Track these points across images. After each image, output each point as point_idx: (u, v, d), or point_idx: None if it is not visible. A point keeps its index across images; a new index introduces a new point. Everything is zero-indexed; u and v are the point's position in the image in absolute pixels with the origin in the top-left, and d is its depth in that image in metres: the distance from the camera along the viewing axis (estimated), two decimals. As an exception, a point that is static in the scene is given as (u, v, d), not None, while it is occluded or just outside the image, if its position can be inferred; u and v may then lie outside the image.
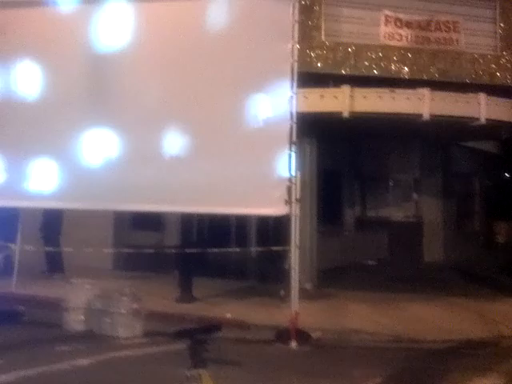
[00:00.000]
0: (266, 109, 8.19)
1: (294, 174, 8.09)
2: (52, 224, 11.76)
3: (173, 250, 10.20)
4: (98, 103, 8.73)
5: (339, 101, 9.98)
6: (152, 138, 8.46)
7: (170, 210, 9.15)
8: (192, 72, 8.40)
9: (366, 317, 8.99)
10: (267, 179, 8.12)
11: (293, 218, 8.00)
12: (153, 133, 8.46)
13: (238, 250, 10.16)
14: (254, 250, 10.56)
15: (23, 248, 10.16)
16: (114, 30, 8.75)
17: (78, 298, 8.64)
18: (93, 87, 8.86)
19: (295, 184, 8.06)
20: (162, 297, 9.58)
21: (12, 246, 10.41)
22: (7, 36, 9.16)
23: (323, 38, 10.58)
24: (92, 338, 7.92)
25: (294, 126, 8.06)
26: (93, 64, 8.78)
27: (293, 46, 8.25)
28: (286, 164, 8.09)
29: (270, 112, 8.18)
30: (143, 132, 8.50)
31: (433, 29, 11.15)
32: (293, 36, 8.26)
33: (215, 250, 9.47)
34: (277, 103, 8.20)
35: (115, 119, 8.69)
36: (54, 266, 11.66)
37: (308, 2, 10.27)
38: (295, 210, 8.04)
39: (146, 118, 8.51)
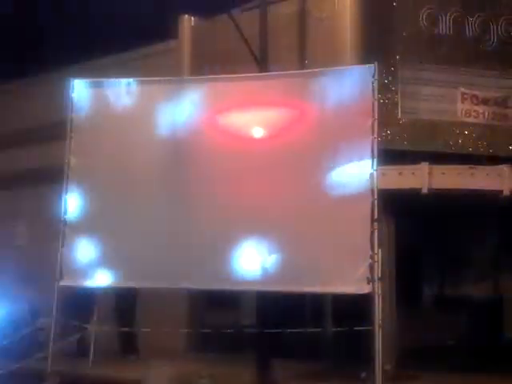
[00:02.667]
0: (347, 186, 8.19)
1: (376, 251, 7.93)
2: (126, 304, 11.76)
3: (250, 330, 9.97)
4: (179, 182, 8.93)
5: (418, 177, 9.84)
6: (236, 216, 8.53)
7: (254, 289, 9.04)
8: (277, 152, 8.53)
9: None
10: (350, 257, 8.01)
11: (376, 297, 7.80)
12: (238, 212, 8.53)
13: (317, 329, 9.86)
14: (334, 329, 10.21)
15: (98, 329, 10.20)
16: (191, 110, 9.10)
17: (155, 380, 8.52)
18: (170, 167, 9.11)
19: (378, 262, 7.89)
20: (239, 379, 9.28)
21: (87, 326, 10.47)
22: (84, 114, 9.63)
23: (400, 115, 10.60)
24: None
25: (376, 202, 7.96)
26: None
27: (373, 122, 8.31)
28: (368, 241, 7.96)
29: (352, 190, 8.15)
30: (227, 212, 8.60)
31: (510, 105, 11.04)
32: (373, 113, 8.33)
33: (295, 330, 9.21)
34: (358, 180, 8.19)
35: (199, 198, 8.83)
36: (129, 346, 11.57)
37: (386, 81, 10.37)
38: (378, 288, 7.83)
39: (227, 198, 8.65)
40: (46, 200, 12.02)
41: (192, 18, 12.17)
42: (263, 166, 8.61)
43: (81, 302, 10.47)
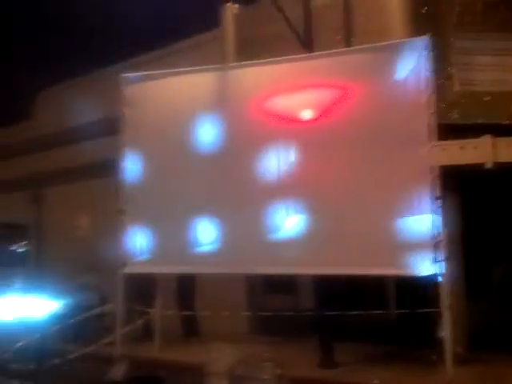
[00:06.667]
0: (407, 163, 7.99)
1: (440, 231, 7.72)
2: (186, 289, 11.94)
3: (311, 314, 9.93)
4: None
5: (480, 151, 9.47)
6: (294, 198, 8.48)
7: (316, 273, 8.97)
8: (332, 132, 8.41)
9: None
10: (414, 237, 7.80)
11: (442, 278, 7.62)
12: (296, 194, 8.48)
13: (381, 312, 9.71)
14: (399, 312, 10.03)
15: (162, 313, 10.37)
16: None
17: (219, 363, 8.59)
18: (223, 154, 9.10)
19: (443, 241, 7.69)
20: (302, 362, 9.28)
21: (151, 311, 10.68)
22: (135, 108, 9.72)
23: (457, 87, 10.24)
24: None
25: (437, 179, 7.74)
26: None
27: (429, 96, 8.08)
28: (431, 221, 7.77)
29: (412, 167, 7.95)
30: (284, 194, 8.58)
31: None
32: (428, 87, 8.10)
33: (357, 312, 9.12)
34: (417, 157, 7.98)
35: (254, 181, 8.82)
36: (191, 330, 11.75)
37: (440, 53, 10.03)
38: (444, 268, 7.65)
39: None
40: (106, 192, 12.30)
41: (235, 5, 12.08)
42: (319, 146, 8.49)
43: (144, 288, 10.70)
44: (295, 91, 8.78)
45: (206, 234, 9.09)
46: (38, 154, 16.81)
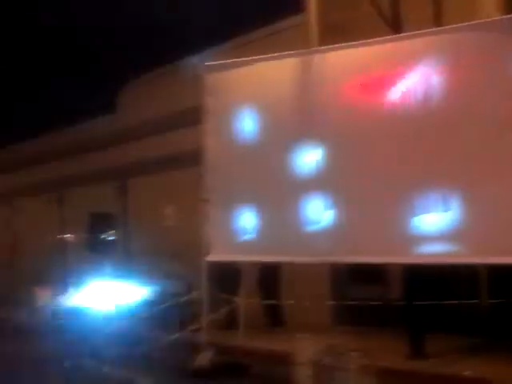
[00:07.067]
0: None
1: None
2: (271, 277, 11.96)
3: (399, 304, 9.70)
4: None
5: None
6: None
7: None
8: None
9: None
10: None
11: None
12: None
13: (473, 301, 9.34)
14: (492, 302, 9.62)
15: (246, 302, 10.44)
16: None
17: (304, 352, 8.54)
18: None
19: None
20: (391, 353, 9.07)
21: (236, 299, 10.77)
22: (218, 97, 9.71)
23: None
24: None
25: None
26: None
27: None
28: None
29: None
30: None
31: None
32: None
33: (448, 302, 8.81)
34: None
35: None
36: (275, 319, 11.77)
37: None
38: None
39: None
40: (190, 181, 12.46)
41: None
42: (421, 132, 8.07)
43: (229, 276, 10.80)
44: (387, 75, 8.49)
45: (290, 222, 9.01)
46: (123, 145, 17.32)
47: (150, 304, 10.95)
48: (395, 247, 8.29)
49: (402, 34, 8.93)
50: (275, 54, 9.40)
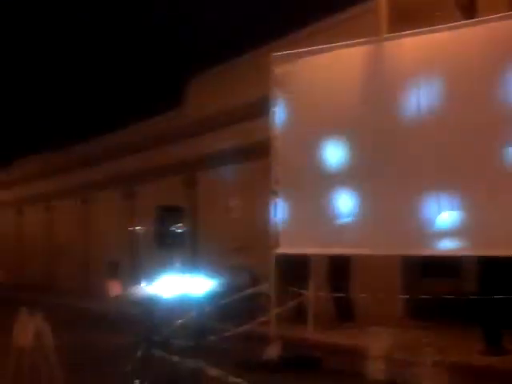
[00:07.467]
0: None
1: None
2: (341, 270, 11.80)
3: (474, 297, 9.37)
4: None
5: None
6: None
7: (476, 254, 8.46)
8: None
9: None
10: None
11: None
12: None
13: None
14: None
15: (315, 294, 10.32)
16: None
17: (377, 346, 8.39)
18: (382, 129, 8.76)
19: None
20: (465, 348, 8.80)
21: (304, 292, 10.67)
22: (287, 88, 9.62)
23: None
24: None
25: None
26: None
27: None
28: None
29: None
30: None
31: None
32: None
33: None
34: None
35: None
36: (345, 312, 11.61)
37: None
38: None
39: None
40: (258, 173, 12.47)
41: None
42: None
43: (297, 268, 10.71)
44: (461, 60, 8.17)
45: (360, 214, 8.84)
46: (191, 139, 17.49)
47: (217, 296, 10.99)
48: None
49: (477, 19, 8.59)
50: (344, 43, 9.24)
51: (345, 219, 8.96)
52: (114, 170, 21.23)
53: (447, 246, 8.20)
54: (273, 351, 9.12)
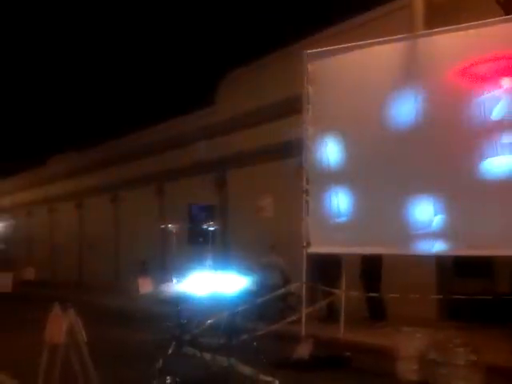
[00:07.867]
0: None
1: None
2: (372, 270, 11.70)
3: (507, 298, 9.20)
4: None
5: None
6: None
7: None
8: None
9: None
10: None
11: None
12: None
13: None
14: None
15: (347, 294, 10.24)
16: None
17: (409, 346, 8.26)
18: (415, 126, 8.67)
19: None
20: (500, 349, 8.63)
21: (336, 291, 10.60)
22: (320, 85, 9.55)
23: None
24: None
25: None
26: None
27: None
28: None
29: None
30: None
31: None
32: None
33: None
34: None
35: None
36: (376, 312, 11.50)
37: None
38: None
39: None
40: (289, 172, 12.43)
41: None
42: None
43: (329, 268, 10.64)
44: (496, 58, 8.00)
45: (389, 213, 8.75)
46: (222, 137, 17.51)
47: (249, 295, 10.98)
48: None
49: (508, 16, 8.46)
50: (377, 40, 9.13)
51: (373, 220, 8.88)
52: (145, 168, 21.39)
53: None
54: (304, 350, 9.06)
